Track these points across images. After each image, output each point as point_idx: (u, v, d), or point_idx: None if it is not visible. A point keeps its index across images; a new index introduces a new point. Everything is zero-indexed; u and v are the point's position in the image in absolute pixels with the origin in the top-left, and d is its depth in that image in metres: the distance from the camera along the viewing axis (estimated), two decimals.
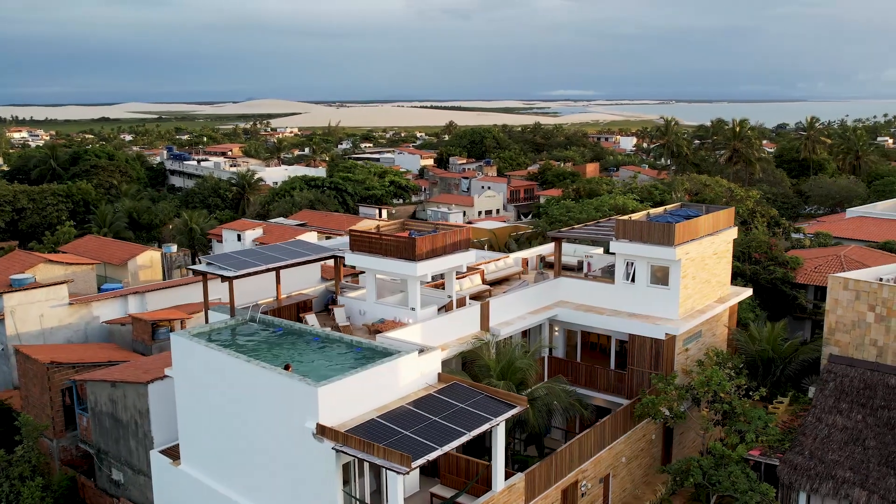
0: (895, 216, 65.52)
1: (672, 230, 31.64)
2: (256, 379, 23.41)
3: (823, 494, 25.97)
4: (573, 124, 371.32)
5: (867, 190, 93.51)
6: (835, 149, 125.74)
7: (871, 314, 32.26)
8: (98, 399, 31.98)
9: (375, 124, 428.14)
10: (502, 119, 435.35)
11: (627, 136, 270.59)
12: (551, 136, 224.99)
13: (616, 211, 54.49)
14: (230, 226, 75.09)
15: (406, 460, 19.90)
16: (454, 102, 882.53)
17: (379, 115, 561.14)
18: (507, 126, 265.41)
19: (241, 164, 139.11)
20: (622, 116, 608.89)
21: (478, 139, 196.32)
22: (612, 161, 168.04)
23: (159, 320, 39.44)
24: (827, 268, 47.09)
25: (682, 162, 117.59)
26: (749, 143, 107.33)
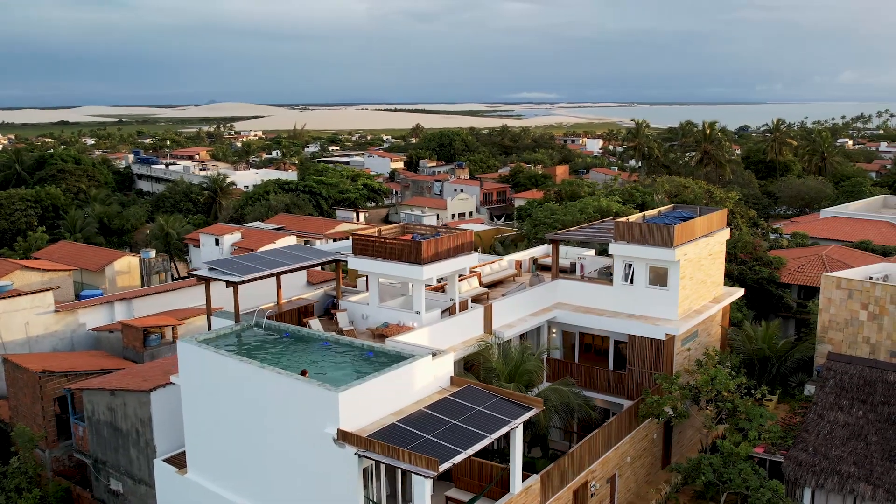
0: (868, 216, 67.05)
1: (671, 232, 32.01)
2: (272, 385, 23.18)
3: (829, 490, 26.46)
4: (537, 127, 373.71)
5: (835, 191, 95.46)
6: (800, 150, 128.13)
7: (864, 312, 33.03)
8: (95, 408, 31.41)
9: (340, 127, 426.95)
10: (466, 122, 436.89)
11: (593, 138, 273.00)
12: (519, 139, 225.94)
13: (600, 213, 54.96)
14: (207, 230, 74.25)
15: (433, 464, 19.88)
16: (418, 105, 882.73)
17: (343, 118, 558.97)
18: (474, 129, 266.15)
19: (210, 167, 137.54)
20: (585, 119, 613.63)
21: (446, 142, 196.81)
22: (581, 163, 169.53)
23: (150, 327, 38.88)
24: (810, 268, 48.02)
25: (653, 164, 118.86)
26: (719, 146, 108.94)
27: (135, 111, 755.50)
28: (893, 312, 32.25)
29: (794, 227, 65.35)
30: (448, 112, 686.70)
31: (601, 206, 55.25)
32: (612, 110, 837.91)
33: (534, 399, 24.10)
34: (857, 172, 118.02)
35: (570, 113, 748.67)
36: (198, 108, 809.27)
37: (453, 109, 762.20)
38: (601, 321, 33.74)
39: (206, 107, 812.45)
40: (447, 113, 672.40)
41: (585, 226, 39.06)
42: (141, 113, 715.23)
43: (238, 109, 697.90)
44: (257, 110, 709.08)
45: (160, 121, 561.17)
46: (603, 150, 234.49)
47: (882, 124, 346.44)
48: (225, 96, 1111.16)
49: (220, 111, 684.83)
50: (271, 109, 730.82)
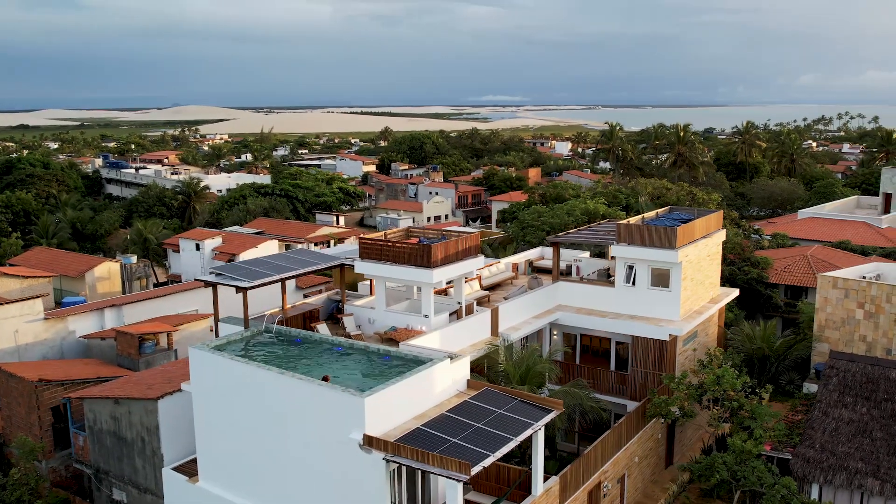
0: (845, 216, 68.40)
1: (674, 233, 32.40)
2: (293, 392, 22.99)
3: (837, 485, 26.95)
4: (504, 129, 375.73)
5: (806, 192, 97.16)
6: (769, 152, 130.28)
7: (860, 311, 33.72)
8: (97, 417, 30.88)
9: (306, 130, 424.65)
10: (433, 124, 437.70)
11: (562, 141, 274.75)
12: (489, 142, 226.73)
13: (587, 215, 55.36)
14: (187, 235, 73.31)
15: (465, 467, 19.89)
16: (384, 108, 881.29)
17: (309, 121, 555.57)
18: (444, 132, 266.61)
19: (182, 171, 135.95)
20: (551, 121, 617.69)
21: (417, 145, 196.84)
22: (553, 166, 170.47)
23: (145, 334, 38.33)
24: (796, 268, 48.88)
25: (627, 166, 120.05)
26: (692, 148, 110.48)
27: (96, 114, 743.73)
28: (889, 311, 32.98)
29: (773, 228, 66.43)
30: (414, 115, 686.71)
31: (588, 208, 55.64)
32: (577, 113, 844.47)
33: (553, 401, 24.20)
34: (825, 174, 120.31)
35: (536, 115, 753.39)
36: (161, 111, 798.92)
37: (419, 112, 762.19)
38: (604, 323, 34.02)
39: (169, 110, 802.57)
40: (413, 116, 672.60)
41: (584, 228, 39.36)
42: (102, 116, 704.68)
43: (202, 113, 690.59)
44: (222, 113, 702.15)
45: (123, 124, 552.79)
46: (572, 152, 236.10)
47: (842, 126, 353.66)
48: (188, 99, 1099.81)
49: (184, 114, 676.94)
50: (236, 112, 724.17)
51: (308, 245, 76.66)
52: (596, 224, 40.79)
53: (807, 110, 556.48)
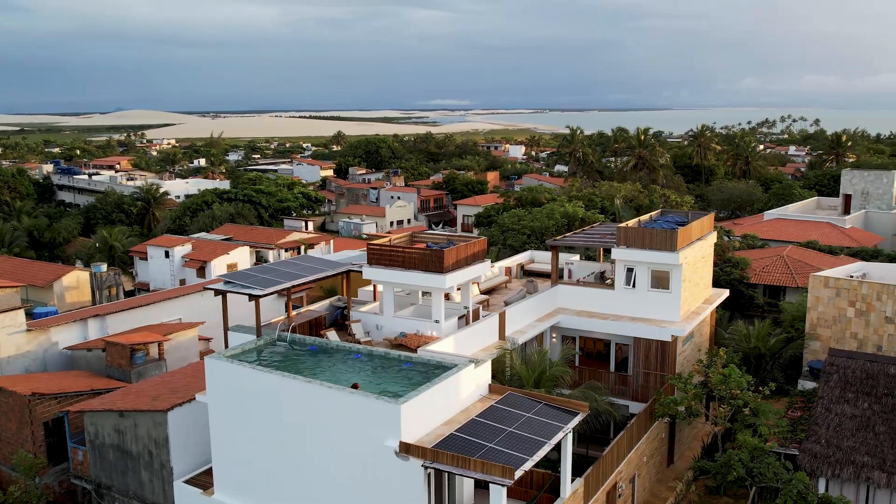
0: (810, 217, 70.32)
1: (675, 236, 32.95)
2: (322, 400, 22.72)
3: (844, 479, 27.69)
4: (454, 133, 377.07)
5: (764, 194, 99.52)
6: (724, 155, 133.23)
7: (852, 309, 34.71)
8: (99, 430, 30.07)
9: (255, 135, 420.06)
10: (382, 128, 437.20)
11: (515, 144, 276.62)
12: (444, 146, 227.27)
13: (567, 218, 55.91)
14: (156, 242, 71.90)
15: (509, 472, 19.95)
16: (333, 112, 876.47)
17: (258, 126, 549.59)
18: (398, 136, 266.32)
19: (138, 177, 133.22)
20: (500, 125, 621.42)
21: (373, 149, 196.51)
22: (510, 170, 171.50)
23: (136, 344, 37.46)
24: (774, 268, 50.09)
25: (588, 169, 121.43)
26: (652, 151, 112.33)
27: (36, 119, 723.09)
28: (880, 309, 34.04)
29: (740, 230, 67.89)
30: (364, 119, 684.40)
31: (567, 211, 56.18)
32: (525, 116, 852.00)
33: (578, 403, 24.40)
34: (779, 176, 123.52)
35: (485, 119, 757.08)
36: (104, 115, 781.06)
37: (369, 116, 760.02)
38: (605, 325, 34.40)
39: (112, 115, 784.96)
40: (363, 120, 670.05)
41: (579, 232, 39.75)
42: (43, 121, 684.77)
43: (147, 117, 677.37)
44: (167, 118, 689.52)
45: (64, 129, 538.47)
46: (527, 156, 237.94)
47: (786, 129, 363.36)
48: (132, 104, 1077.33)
49: (128, 119, 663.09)
50: (182, 117, 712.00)
51: (278, 251, 75.91)
52: (590, 227, 41.20)
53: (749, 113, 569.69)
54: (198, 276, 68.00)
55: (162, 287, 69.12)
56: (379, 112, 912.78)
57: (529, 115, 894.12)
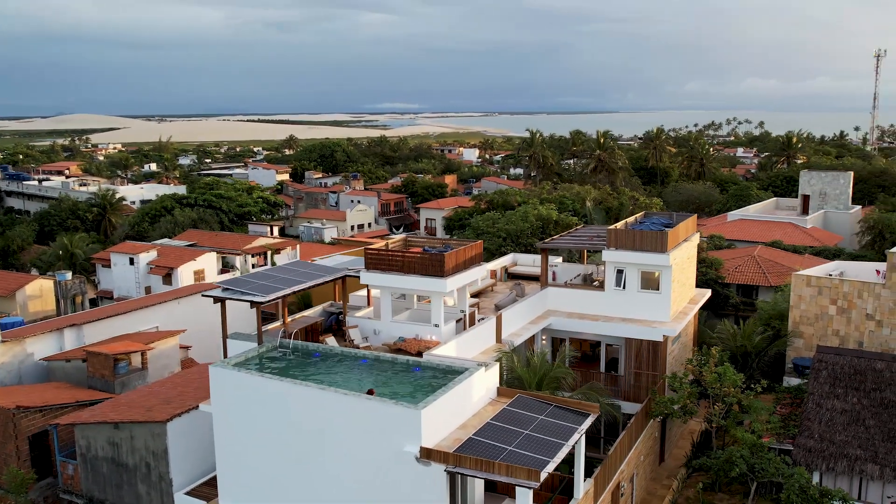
0: (772, 218, 72.01)
1: (665, 237, 33.46)
2: (338, 407, 22.50)
3: (838, 472, 28.43)
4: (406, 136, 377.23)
5: (722, 195, 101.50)
6: (679, 157, 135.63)
7: (833, 307, 35.68)
8: (92, 443, 29.30)
9: (203, 139, 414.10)
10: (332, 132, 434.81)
11: (469, 147, 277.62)
12: (398, 149, 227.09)
13: (541, 220, 56.31)
14: (119, 249, 70.33)
15: (534, 474, 20.04)
16: (282, 115, 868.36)
17: (206, 130, 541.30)
18: (351, 139, 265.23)
19: (91, 183, 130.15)
20: (451, 128, 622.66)
21: (328, 153, 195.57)
22: (467, 173, 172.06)
23: (119, 354, 36.61)
24: (746, 268, 51.18)
25: (548, 172, 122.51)
26: (612, 153, 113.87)
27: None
28: (861, 306, 35.05)
29: (706, 230, 69.18)
30: (314, 122, 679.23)
31: (541, 213, 56.58)
32: (475, 120, 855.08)
33: (590, 405, 24.64)
34: (733, 177, 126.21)
35: (435, 122, 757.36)
36: (45, 119, 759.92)
37: (318, 120, 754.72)
38: (597, 326, 34.75)
39: (54, 119, 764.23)
40: (313, 123, 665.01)
41: (566, 234, 40.03)
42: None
43: (90, 121, 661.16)
44: (111, 122, 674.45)
45: (4, 134, 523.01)
46: (481, 159, 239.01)
47: (732, 131, 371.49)
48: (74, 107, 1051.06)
49: (71, 123, 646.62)
50: (126, 121, 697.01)
51: (245, 257, 74.99)
52: (574, 229, 41.56)
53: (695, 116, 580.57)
54: (164, 283, 66.78)
55: (127, 295, 67.69)
56: (328, 115, 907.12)
57: (479, 118, 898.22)
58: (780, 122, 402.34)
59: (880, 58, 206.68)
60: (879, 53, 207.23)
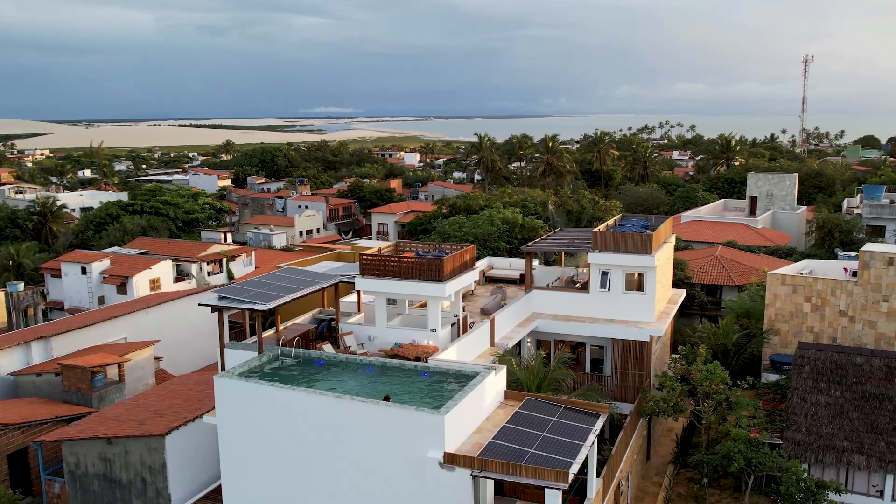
0: (722, 219, 73.98)
1: (650, 239, 34.12)
2: (354, 414, 22.29)
3: (827, 464, 29.42)
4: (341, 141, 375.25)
5: (669, 197, 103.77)
6: (622, 160, 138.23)
7: (808, 305, 36.89)
8: (81, 460, 28.33)
9: (135, 144, 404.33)
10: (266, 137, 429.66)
11: (409, 152, 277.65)
12: (339, 154, 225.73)
13: (507, 224, 56.71)
14: (70, 258, 68.03)
15: (562, 476, 20.22)
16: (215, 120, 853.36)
17: (136, 135, 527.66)
18: (290, 144, 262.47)
19: (28, 190, 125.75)
20: (387, 133, 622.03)
21: (269, 158, 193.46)
22: (412, 177, 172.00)
23: (95, 366, 35.50)
24: (710, 268, 52.47)
25: (496, 176, 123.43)
26: (560, 157, 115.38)
27: None
28: (834, 303, 36.33)
29: None
30: (248, 127, 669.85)
31: (507, 217, 56.99)
32: (410, 124, 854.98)
33: (600, 405, 24.96)
34: (675, 180, 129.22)
35: (371, 127, 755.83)
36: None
37: (252, 125, 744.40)
38: (583, 327, 35.18)
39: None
40: (247, 128, 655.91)
41: (548, 237, 40.34)
42: None
43: (13, 126, 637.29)
44: (36, 127, 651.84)
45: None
46: (423, 163, 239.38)
47: (664, 135, 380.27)
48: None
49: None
50: (53, 126, 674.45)
51: (200, 264, 73.53)
52: (554, 233, 41.94)
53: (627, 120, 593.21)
54: (118, 292, 65.04)
55: (79, 305, 65.69)
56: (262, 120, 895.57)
57: (415, 123, 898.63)
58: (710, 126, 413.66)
59: (808, 63, 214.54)
60: (807, 59, 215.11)
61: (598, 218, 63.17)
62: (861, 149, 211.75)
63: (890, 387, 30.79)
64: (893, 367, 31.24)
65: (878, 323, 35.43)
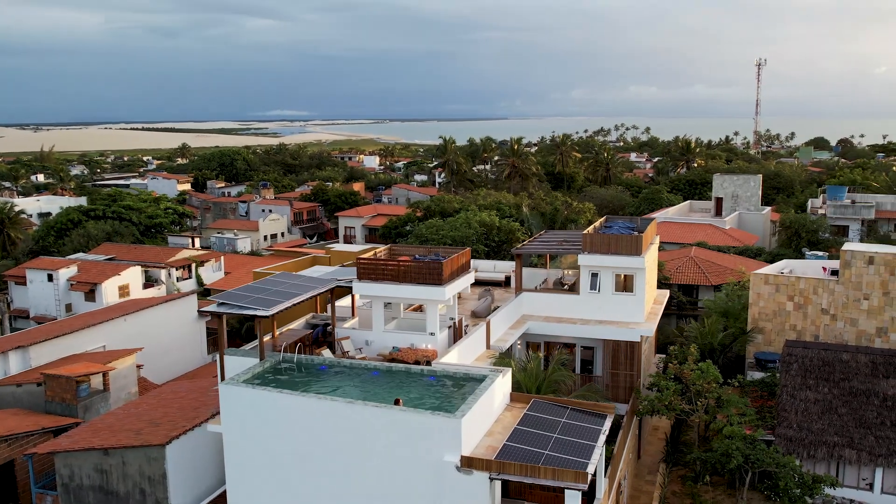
0: (690, 220, 75.23)
1: (640, 241, 34.56)
2: (366, 419, 22.16)
3: (819, 459, 30.10)
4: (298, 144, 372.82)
5: (633, 198, 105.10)
6: (585, 162, 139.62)
7: (790, 303, 37.69)
8: (76, 472, 27.66)
9: (86, 148, 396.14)
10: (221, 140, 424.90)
11: (368, 155, 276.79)
12: (298, 157, 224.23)
13: (484, 226, 56.90)
14: (35, 264, 66.39)
15: (581, 477, 20.38)
16: (167, 124, 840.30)
17: (87, 139, 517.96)
18: (249, 147, 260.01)
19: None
20: (343, 136, 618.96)
21: (227, 161, 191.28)
22: (375, 181, 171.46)
23: (80, 375, 34.70)
24: (686, 268, 53.32)
25: (461, 178, 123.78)
26: (526, 160, 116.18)
27: None
28: (816, 302, 37.17)
29: None
30: (201, 131, 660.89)
31: (484, 219, 57.19)
32: (366, 127, 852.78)
33: (606, 405, 25.19)
34: (637, 181, 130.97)
35: (326, 130, 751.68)
36: None
37: (206, 128, 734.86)
38: (575, 329, 35.45)
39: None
40: (200, 131, 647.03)
41: (534, 240, 40.51)
42: None
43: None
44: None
45: None
46: (383, 166, 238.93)
47: (620, 137, 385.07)
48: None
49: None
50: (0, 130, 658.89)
51: (169, 270, 72.39)
52: (537, 235, 42.16)
53: (581, 122, 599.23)
54: (87, 300, 63.67)
55: (45, 313, 64.20)
56: (216, 123, 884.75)
57: (371, 126, 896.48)
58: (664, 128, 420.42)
59: (761, 66, 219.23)
60: (760, 62, 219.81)
61: (572, 220, 63.79)
62: (813, 150, 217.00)
63: (876, 382, 31.62)
64: (879, 364, 32.09)
65: (858, 320, 36.34)
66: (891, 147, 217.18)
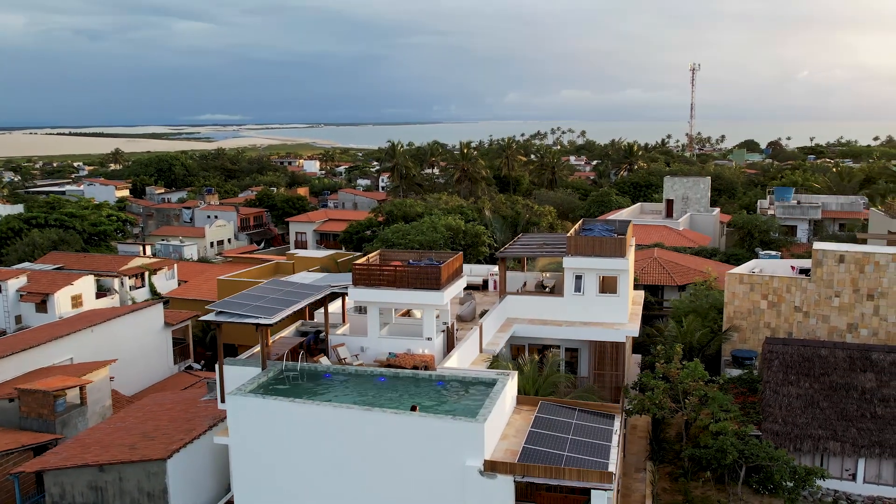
0: (644, 221, 76.73)
1: (623, 243, 35.16)
2: (386, 427, 22.03)
3: (805, 451, 31.08)
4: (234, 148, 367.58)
5: (582, 201, 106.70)
6: (531, 165, 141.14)
7: (764, 302, 38.82)
8: (68, 490, 26.71)
9: (10, 153, 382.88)
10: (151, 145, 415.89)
11: (308, 159, 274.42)
12: (237, 162, 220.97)
13: (450, 230, 57.04)
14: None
15: (607, 477, 20.62)
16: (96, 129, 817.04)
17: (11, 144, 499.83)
18: (186, 151, 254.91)
19: None
20: (278, 140, 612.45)
21: (165, 167, 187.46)
22: (318, 185, 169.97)
23: (57, 389, 33.52)
24: (651, 269, 54.35)
25: (410, 182, 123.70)
26: (475, 164, 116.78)
27: None
28: (789, 300, 38.38)
29: None
30: (131, 135, 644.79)
31: (450, 223, 57.33)
32: (301, 131, 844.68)
33: (612, 406, 25.56)
34: (583, 184, 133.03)
35: (260, 134, 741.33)
36: None
37: (135, 132, 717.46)
38: (560, 331, 35.80)
39: None
40: (130, 136, 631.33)
41: (515, 243, 40.76)
42: None
43: None
44: None
45: None
46: (324, 171, 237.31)
47: (557, 140, 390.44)
48: None
49: None
50: None
51: (122, 279, 70.49)
52: (518, 238, 42.45)
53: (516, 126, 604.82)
54: (38, 311, 61.54)
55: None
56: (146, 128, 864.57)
57: (305, 130, 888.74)
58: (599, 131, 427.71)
59: (695, 71, 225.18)
60: (694, 67, 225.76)
61: (534, 223, 64.42)
62: (746, 153, 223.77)
63: (854, 376, 32.82)
64: (856, 358, 33.31)
65: (830, 317, 37.67)
66: (818, 149, 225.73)
